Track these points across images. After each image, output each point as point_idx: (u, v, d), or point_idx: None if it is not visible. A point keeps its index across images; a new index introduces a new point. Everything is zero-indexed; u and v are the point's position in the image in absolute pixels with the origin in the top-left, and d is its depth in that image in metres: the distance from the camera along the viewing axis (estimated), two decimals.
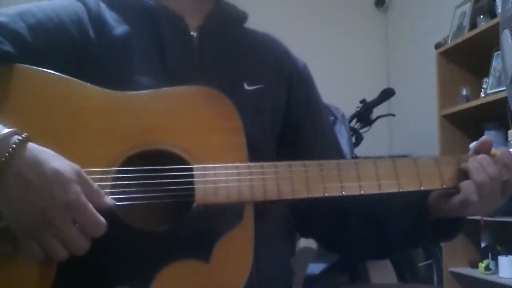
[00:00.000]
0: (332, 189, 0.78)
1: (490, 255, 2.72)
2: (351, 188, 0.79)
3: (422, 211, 0.89)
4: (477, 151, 0.86)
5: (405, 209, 0.91)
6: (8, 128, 0.66)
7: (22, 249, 0.66)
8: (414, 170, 0.83)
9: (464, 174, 0.84)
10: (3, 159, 0.63)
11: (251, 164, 0.77)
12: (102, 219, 0.66)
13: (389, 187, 0.81)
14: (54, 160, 0.66)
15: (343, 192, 0.79)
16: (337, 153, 1.02)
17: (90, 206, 0.66)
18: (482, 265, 2.72)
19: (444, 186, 0.83)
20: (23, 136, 0.65)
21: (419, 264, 3.13)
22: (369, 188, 0.80)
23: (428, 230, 0.89)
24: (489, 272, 2.68)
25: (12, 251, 0.66)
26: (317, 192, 0.78)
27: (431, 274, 3.10)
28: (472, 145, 0.88)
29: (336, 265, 2.46)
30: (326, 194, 0.78)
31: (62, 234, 0.64)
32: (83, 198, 0.65)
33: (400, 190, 0.81)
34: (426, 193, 0.87)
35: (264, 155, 0.81)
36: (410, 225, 0.90)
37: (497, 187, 0.82)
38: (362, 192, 0.80)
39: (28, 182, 0.63)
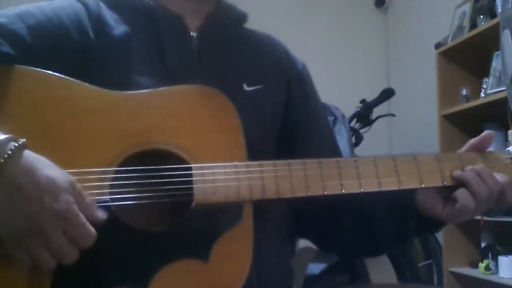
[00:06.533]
0: (332, 187, 0.78)
1: (490, 255, 2.71)
2: (351, 186, 0.79)
3: (407, 207, 0.88)
4: (476, 147, 0.86)
5: (391, 205, 0.90)
6: (5, 134, 0.65)
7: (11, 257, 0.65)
8: (414, 167, 0.82)
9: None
10: None
11: (250, 163, 0.77)
12: (92, 230, 0.66)
13: (390, 184, 0.80)
14: (49, 169, 0.65)
15: (343, 190, 0.78)
16: (335, 154, 1.02)
17: (81, 216, 0.65)
18: (482, 265, 2.71)
19: (445, 183, 0.83)
20: (20, 142, 0.64)
21: (419, 264, 3.13)
22: (369, 186, 0.79)
23: (412, 225, 0.88)
24: (489, 272, 2.68)
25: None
26: (317, 190, 0.77)
27: (431, 274, 3.09)
28: (472, 141, 0.87)
29: (336, 265, 2.47)
30: (325, 192, 0.77)
31: (50, 243, 0.64)
32: (74, 208, 0.65)
33: (401, 187, 0.81)
34: (413, 191, 0.86)
35: (264, 156, 0.80)
36: (395, 220, 0.90)
37: (494, 197, 0.82)
38: (362, 190, 0.79)
39: (20, 188, 0.63)
